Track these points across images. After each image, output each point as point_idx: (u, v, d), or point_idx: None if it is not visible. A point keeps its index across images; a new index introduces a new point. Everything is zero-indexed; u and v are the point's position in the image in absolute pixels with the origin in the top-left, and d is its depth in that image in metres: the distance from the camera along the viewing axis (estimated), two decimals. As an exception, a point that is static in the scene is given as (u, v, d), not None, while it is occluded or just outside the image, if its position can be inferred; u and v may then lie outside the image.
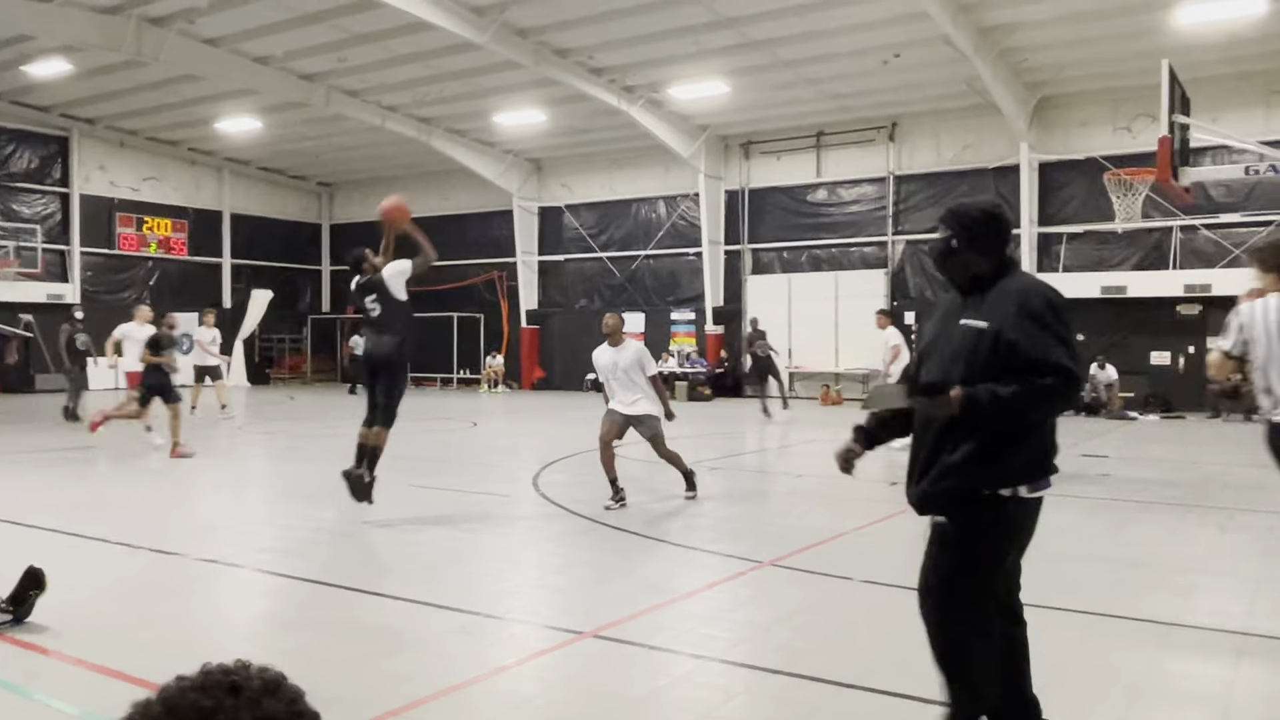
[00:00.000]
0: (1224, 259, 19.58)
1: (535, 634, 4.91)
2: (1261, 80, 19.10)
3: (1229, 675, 4.40)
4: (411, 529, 7.64)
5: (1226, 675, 4.39)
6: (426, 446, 13.92)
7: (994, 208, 3.33)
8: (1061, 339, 2.99)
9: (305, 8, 17.91)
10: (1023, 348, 2.97)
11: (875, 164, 23.51)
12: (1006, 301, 3.06)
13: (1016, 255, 3.09)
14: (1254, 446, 14.20)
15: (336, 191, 33.38)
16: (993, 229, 3.23)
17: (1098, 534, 7.64)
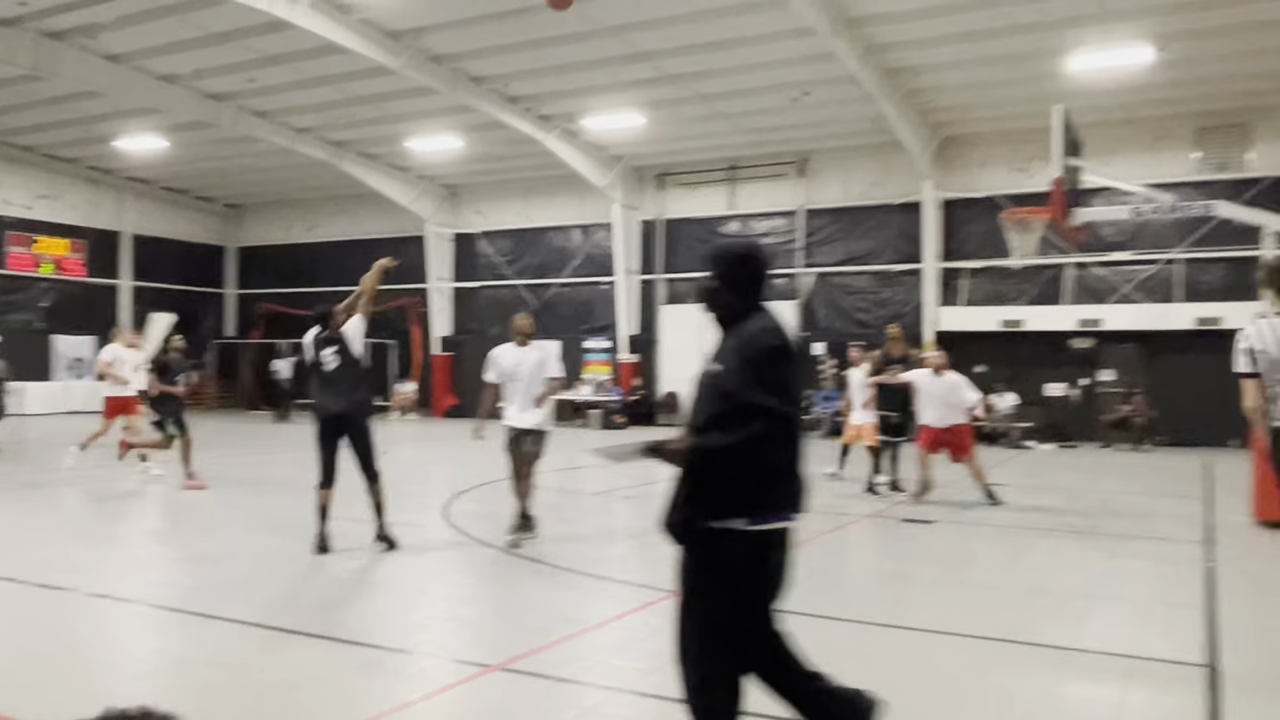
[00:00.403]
0: (1114, 295, 20.50)
1: (443, 668, 4.83)
2: (1147, 126, 20.15)
3: (1118, 698, 4.57)
4: (316, 561, 7.45)
5: (1116, 698, 4.56)
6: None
7: (750, 249, 3.40)
8: (763, 381, 3.04)
9: (214, 26, 17.54)
10: (734, 392, 3.06)
11: (786, 198, 24.01)
12: (734, 344, 3.15)
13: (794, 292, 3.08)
14: (1143, 475, 14.84)
15: (244, 213, 32.61)
16: (746, 270, 3.31)
17: (999, 561, 7.88)
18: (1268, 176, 19.23)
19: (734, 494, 3.12)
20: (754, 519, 3.13)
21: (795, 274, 23.82)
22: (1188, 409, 19.29)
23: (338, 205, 30.19)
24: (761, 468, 3.13)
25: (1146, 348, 20.23)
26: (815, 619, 5.85)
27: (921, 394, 10.94)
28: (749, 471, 3.10)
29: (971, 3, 15.34)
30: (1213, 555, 7.98)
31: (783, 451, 3.18)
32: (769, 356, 3.10)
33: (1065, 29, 16.05)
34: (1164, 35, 16.08)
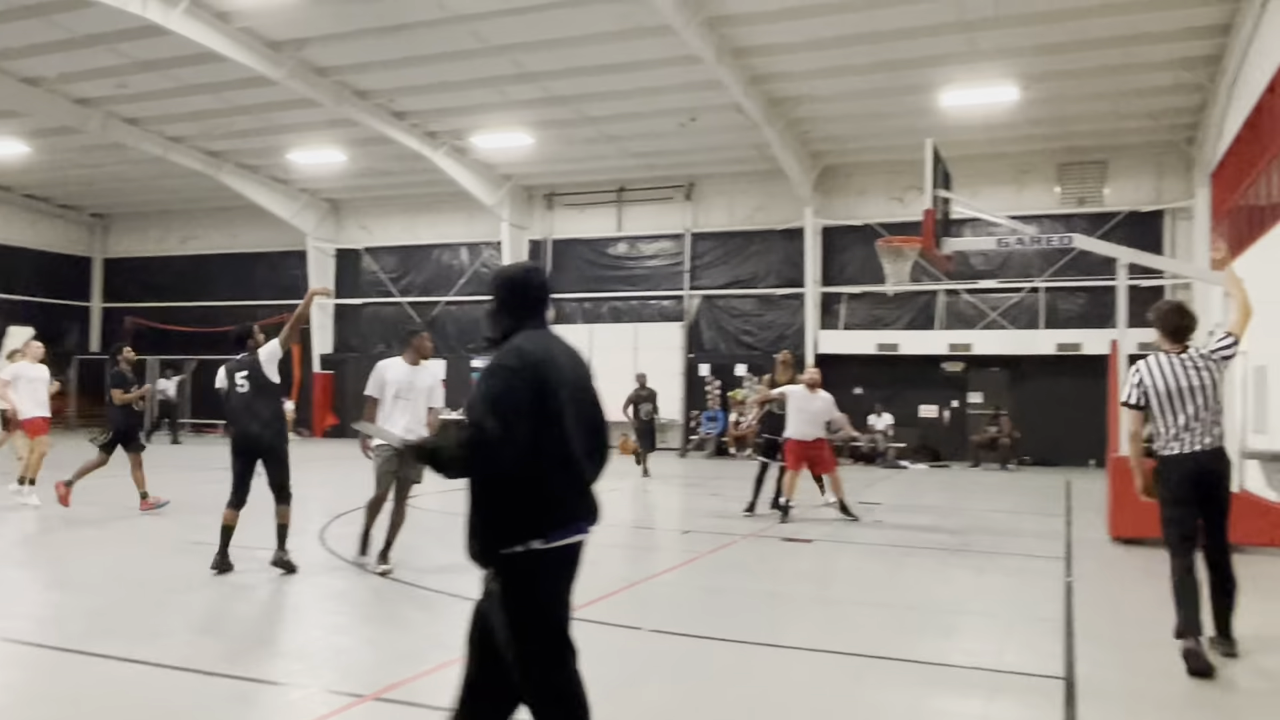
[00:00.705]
0: (982, 321, 21.45)
1: (315, 699, 4.69)
2: (1013, 161, 21.22)
3: (982, 712, 4.75)
4: (180, 588, 7.14)
5: (980, 712, 4.75)
6: (206, 498, 13.06)
7: (522, 272, 3.44)
8: (487, 397, 3.09)
9: (82, 29, 16.77)
10: (472, 407, 3.13)
11: (673, 221, 24.33)
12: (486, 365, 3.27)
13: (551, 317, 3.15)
14: (1009, 493, 15.48)
15: (112, 224, 31.16)
16: (517, 292, 3.35)
17: (872, 578, 8.11)
18: (1123, 211, 20.48)
19: (526, 512, 3.14)
20: (550, 536, 3.16)
21: (683, 296, 24.12)
22: (1050, 430, 20.29)
23: (214, 217, 29.15)
24: (556, 482, 3.18)
25: (1012, 372, 21.21)
26: (695, 639, 5.91)
27: (792, 408, 11.27)
28: (536, 488, 3.13)
29: (850, 38, 15.90)
30: (1071, 571, 8.38)
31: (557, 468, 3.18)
32: (498, 373, 3.13)
33: (937, 66, 16.79)
34: (1028, 76, 16.99)
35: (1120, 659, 5.62)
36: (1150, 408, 5.66)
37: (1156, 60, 16.18)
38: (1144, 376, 5.69)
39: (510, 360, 3.15)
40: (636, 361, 23.83)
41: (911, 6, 14.77)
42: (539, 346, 3.21)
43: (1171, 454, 5.58)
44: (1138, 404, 5.71)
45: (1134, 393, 5.72)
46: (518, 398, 3.08)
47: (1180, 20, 14.84)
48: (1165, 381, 5.61)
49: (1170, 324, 5.74)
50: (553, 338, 3.32)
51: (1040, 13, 14.81)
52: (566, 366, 3.27)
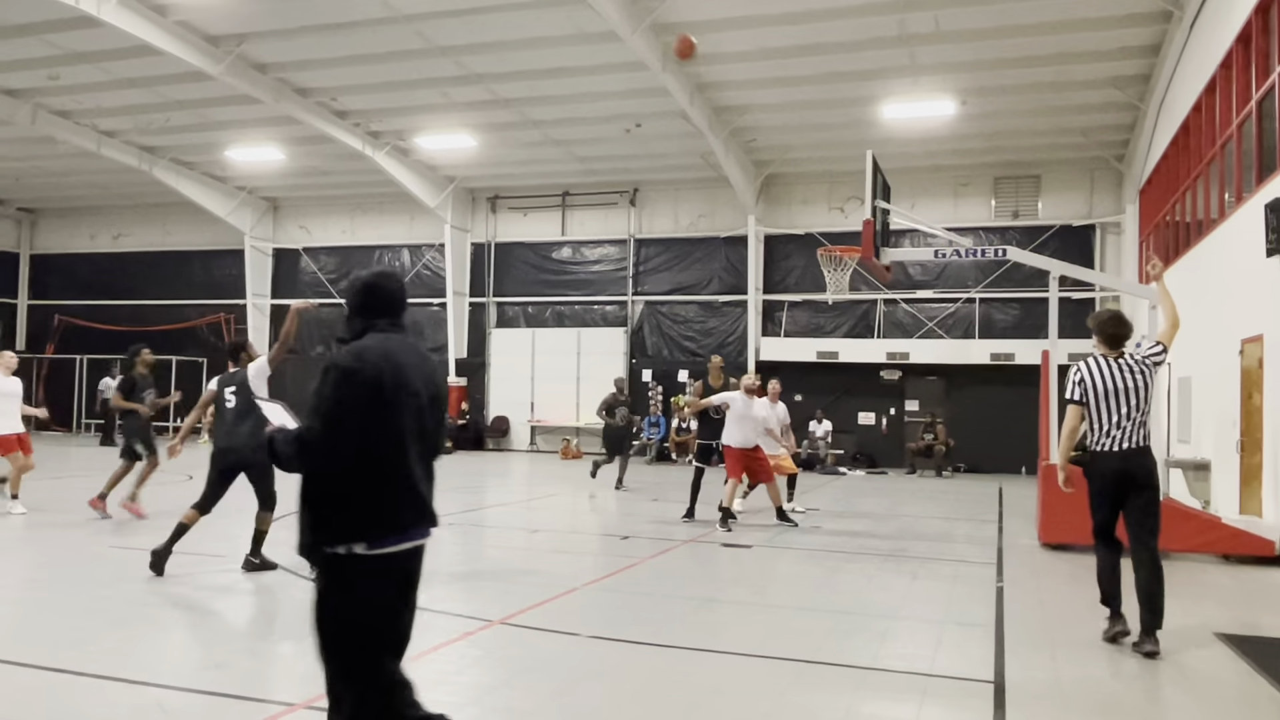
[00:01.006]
0: (920, 330, 21.81)
1: (241, 709, 4.59)
2: (951, 174, 21.64)
3: (914, 715, 4.81)
4: (104, 595, 6.94)
5: (912, 715, 4.81)
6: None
7: (375, 276, 3.50)
8: (316, 396, 3.17)
9: (10, 18, 16.25)
10: (308, 407, 3.19)
11: (617, 226, 24.35)
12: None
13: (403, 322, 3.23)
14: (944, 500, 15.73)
15: (40, 218, 30.26)
16: (368, 294, 3.43)
17: (809, 583, 8.18)
18: (1055, 224, 21.00)
19: (353, 516, 3.14)
20: (374, 543, 3.15)
21: (627, 301, 24.15)
22: (984, 438, 20.71)
23: (146, 214, 28.49)
24: (389, 489, 3.19)
25: (948, 380, 21.60)
26: (635, 645, 5.91)
27: (731, 416, 11.29)
28: (368, 494, 3.15)
29: (794, 49, 16.08)
30: (1002, 576, 8.55)
31: (388, 472, 3.20)
32: (333, 379, 3.17)
33: (877, 79, 17.06)
34: (966, 91, 17.34)
35: (1049, 663, 5.73)
36: (1088, 405, 6.11)
37: (1090, 79, 16.62)
38: (1085, 375, 6.15)
39: (346, 361, 3.20)
40: (580, 366, 23.87)
41: (854, 20, 14.99)
42: (382, 348, 3.25)
43: (1102, 450, 6.04)
44: (1080, 400, 6.15)
45: (1076, 389, 6.16)
46: (345, 399, 3.13)
47: (1113, 40, 15.27)
48: (1103, 382, 6.07)
49: (1108, 331, 6.21)
50: (401, 341, 3.36)
51: (979, 30, 15.13)
52: (410, 370, 3.29)
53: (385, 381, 3.18)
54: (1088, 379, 6.12)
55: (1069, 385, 6.23)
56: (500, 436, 24.88)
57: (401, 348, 3.32)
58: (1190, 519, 9.55)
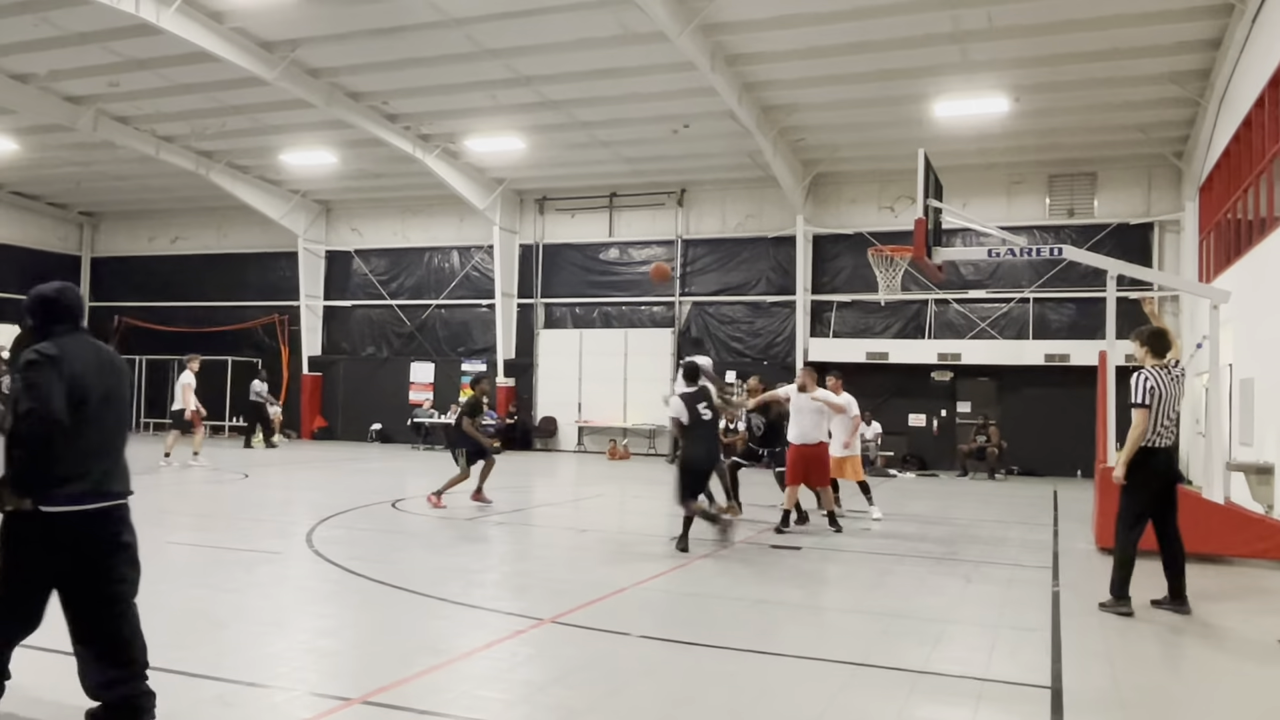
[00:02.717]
0: (972, 330, 21.51)
1: (300, 702, 4.66)
2: (1004, 171, 21.32)
3: (969, 719, 4.75)
4: (164, 590, 7.09)
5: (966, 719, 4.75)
6: (190, 499, 13.04)
7: (54, 290, 4.13)
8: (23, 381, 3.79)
9: (74, 26, 16.69)
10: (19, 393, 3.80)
11: (665, 227, 24.34)
12: None
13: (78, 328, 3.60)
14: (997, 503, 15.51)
15: (101, 222, 31.02)
16: (47, 305, 4.08)
17: (860, 586, 8.11)
18: (1112, 223, 20.59)
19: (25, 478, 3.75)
20: (50, 502, 3.80)
21: (674, 302, 24.14)
22: (1038, 440, 20.37)
23: (204, 217, 29.07)
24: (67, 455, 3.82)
25: (1000, 382, 21.28)
26: (684, 645, 5.91)
27: (792, 410, 11.18)
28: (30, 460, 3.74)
29: (843, 47, 15.95)
30: (1058, 580, 8.41)
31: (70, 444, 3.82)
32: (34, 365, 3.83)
33: (929, 76, 16.85)
34: (1020, 87, 17.07)
35: (1107, 669, 5.63)
36: (1151, 409, 6.97)
37: (1147, 74, 16.28)
38: (1154, 383, 7.03)
39: (31, 355, 3.85)
40: (627, 367, 23.92)
41: (906, 17, 14.83)
42: (58, 347, 3.90)
43: (1154, 446, 7.01)
44: (1149, 405, 6.98)
45: (1148, 395, 7.00)
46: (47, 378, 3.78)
47: (1171, 35, 14.94)
48: (1164, 389, 7.03)
49: (1159, 344, 7.26)
50: (79, 342, 4.02)
51: (1033, 25, 14.88)
52: (85, 365, 3.95)
53: (61, 372, 3.81)
54: (1157, 386, 6.99)
55: (1140, 391, 7.00)
56: (548, 437, 25.00)
57: (78, 347, 3.98)
58: (1252, 524, 9.32)
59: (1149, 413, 6.95)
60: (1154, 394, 6.97)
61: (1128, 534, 7.02)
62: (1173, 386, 7.05)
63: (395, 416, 26.11)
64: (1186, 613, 6.95)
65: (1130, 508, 7.03)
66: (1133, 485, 7.00)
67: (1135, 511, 7.01)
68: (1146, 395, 6.98)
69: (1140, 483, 6.98)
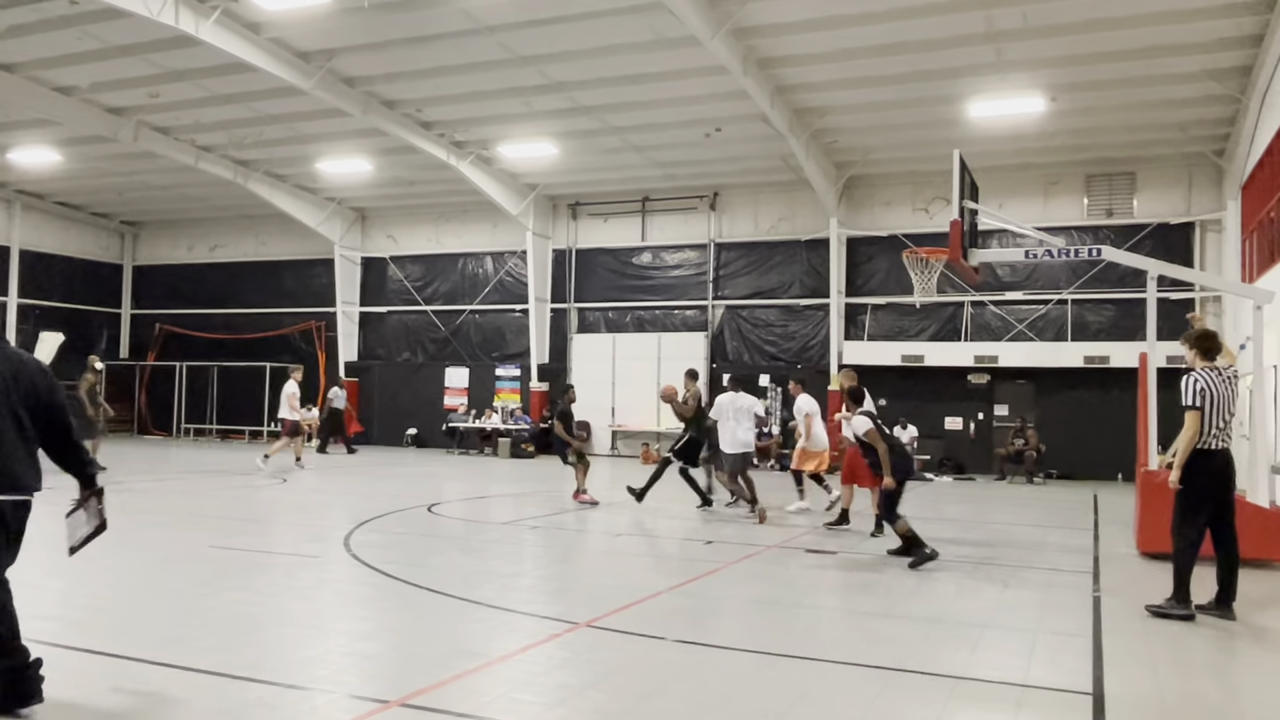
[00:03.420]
0: (1009, 333, 21.29)
1: (339, 704, 4.71)
2: (1041, 172, 21.09)
3: (1008, 725, 4.70)
4: (207, 593, 7.20)
5: (1006, 725, 4.70)
6: (230, 504, 13.21)
7: None
8: None
9: (115, 39, 17.02)
10: None
11: (697, 231, 24.33)
12: None
13: None
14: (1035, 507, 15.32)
15: (142, 231, 31.56)
16: None
17: (897, 590, 8.05)
18: (1152, 223, 20.29)
19: None
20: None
21: (707, 306, 24.11)
22: (1077, 443, 20.12)
23: (242, 225, 29.50)
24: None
25: (1038, 384, 21.03)
26: (720, 649, 5.89)
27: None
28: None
29: (877, 48, 15.87)
30: (1099, 586, 8.29)
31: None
32: None
33: (964, 77, 16.72)
34: (1056, 86, 16.89)
35: (1150, 675, 5.55)
36: (1204, 411, 6.87)
37: (1186, 71, 16.04)
38: (1204, 385, 6.94)
39: None
40: (660, 371, 23.91)
41: (939, 18, 14.73)
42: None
43: (1210, 449, 6.89)
44: (1200, 407, 6.88)
45: (1199, 397, 6.90)
46: None
47: (1211, 31, 14.71)
48: (1215, 390, 6.93)
49: (1207, 345, 7.21)
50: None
51: (1069, 24, 14.72)
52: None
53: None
54: (1208, 388, 6.90)
55: (1190, 393, 6.92)
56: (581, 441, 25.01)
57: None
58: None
59: (1201, 414, 6.85)
60: (1205, 395, 6.88)
61: (1186, 538, 6.90)
62: (1224, 387, 6.95)
63: (430, 421, 26.31)
64: (1231, 618, 6.85)
65: (1188, 511, 6.92)
66: (1190, 489, 6.89)
67: (1193, 515, 6.90)
68: (1197, 397, 6.89)
69: (1198, 486, 6.88)
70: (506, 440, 24.12)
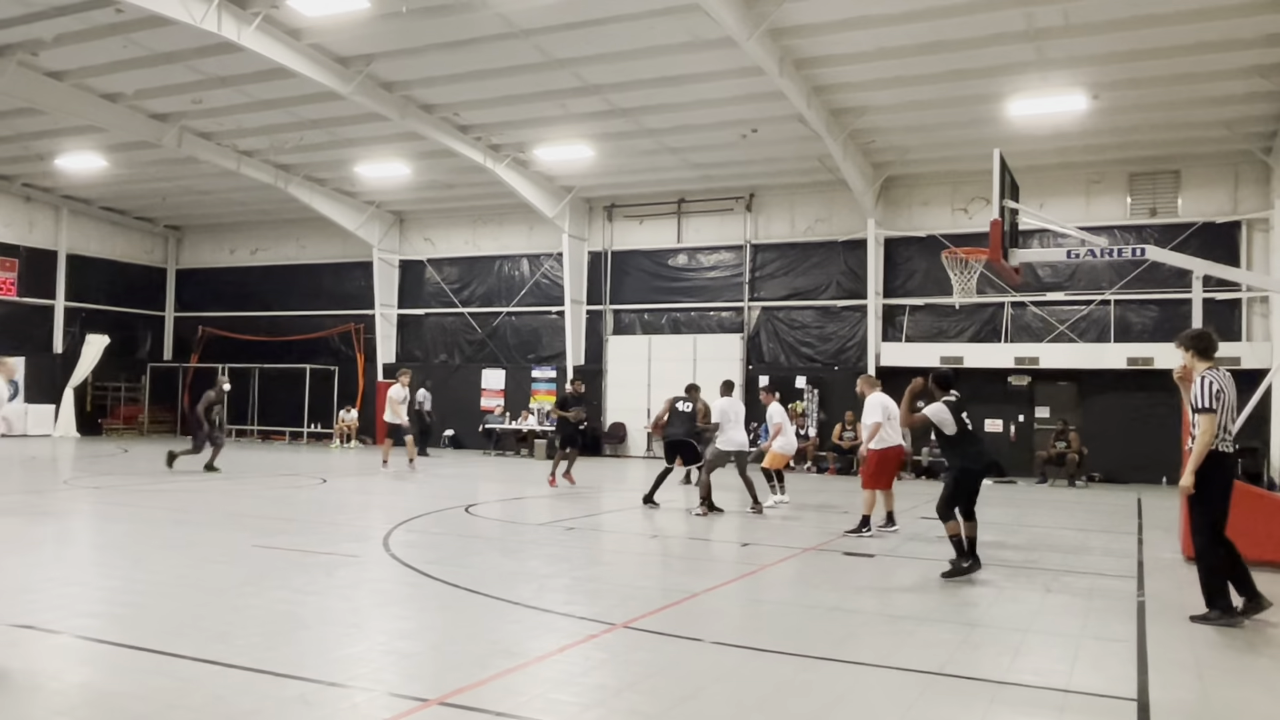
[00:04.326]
0: (1050, 334, 21.01)
1: (379, 702, 4.75)
2: (1083, 171, 20.79)
3: (1051, 731, 4.64)
4: (249, 591, 7.29)
5: (1049, 731, 4.63)
6: (271, 504, 13.38)
7: None
8: None
9: (159, 47, 17.33)
10: None
11: (733, 232, 24.27)
12: None
13: None
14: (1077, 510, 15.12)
15: (185, 235, 32.08)
16: None
17: (936, 593, 7.97)
18: (1197, 222, 19.94)
19: None
20: None
21: (743, 308, 24.04)
22: (1120, 446, 19.81)
23: (283, 229, 29.88)
24: None
25: (1080, 386, 20.73)
26: (757, 652, 5.87)
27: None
28: None
29: (914, 48, 15.74)
30: (1143, 591, 8.16)
31: None
32: None
33: (1004, 75, 16.54)
34: (1098, 84, 16.66)
35: (1196, 682, 5.45)
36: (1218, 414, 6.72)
37: (1233, 67, 15.75)
38: (1220, 386, 6.76)
39: None
40: (696, 373, 23.85)
41: (978, 16, 14.59)
42: None
43: (1225, 452, 6.79)
44: (1215, 410, 6.72)
45: (1215, 400, 6.73)
46: None
47: (1256, 27, 14.44)
48: (1228, 392, 6.81)
49: (1205, 345, 7.02)
50: None
51: (1111, 21, 14.52)
52: None
53: None
54: (1223, 390, 6.76)
55: (1206, 395, 6.73)
56: (618, 443, 25.10)
57: None
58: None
59: (1215, 417, 6.69)
60: (1220, 397, 6.73)
61: (1211, 543, 6.78)
62: (1232, 389, 6.85)
63: (467, 422, 26.47)
64: (1268, 604, 6.78)
65: (1207, 516, 6.78)
66: (1208, 493, 6.74)
67: (1213, 519, 6.76)
68: (1213, 399, 6.71)
69: (1215, 490, 6.75)
70: (542, 442, 24.19)
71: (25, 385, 27.00)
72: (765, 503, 13.74)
